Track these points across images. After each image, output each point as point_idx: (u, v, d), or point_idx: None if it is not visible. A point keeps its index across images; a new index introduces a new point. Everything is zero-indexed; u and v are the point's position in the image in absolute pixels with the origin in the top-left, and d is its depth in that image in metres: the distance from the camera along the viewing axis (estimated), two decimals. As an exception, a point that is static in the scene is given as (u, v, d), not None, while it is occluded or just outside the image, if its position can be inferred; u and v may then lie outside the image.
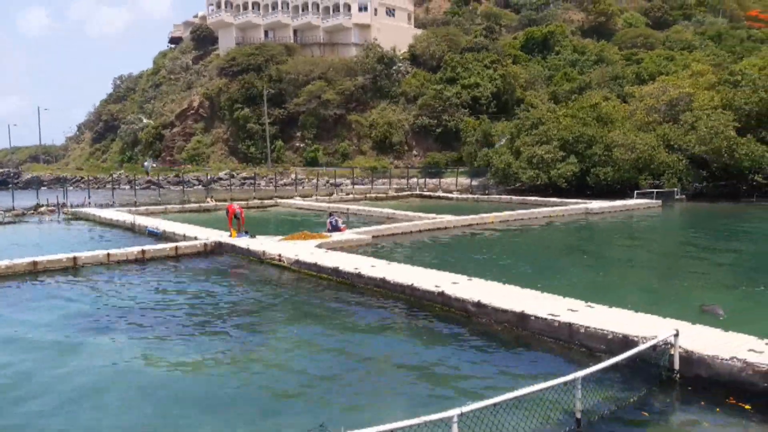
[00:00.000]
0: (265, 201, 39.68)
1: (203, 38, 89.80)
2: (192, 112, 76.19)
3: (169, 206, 35.31)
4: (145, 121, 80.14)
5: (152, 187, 58.49)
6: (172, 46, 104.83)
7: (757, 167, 37.32)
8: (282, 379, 8.78)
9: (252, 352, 9.91)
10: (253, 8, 79.48)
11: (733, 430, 6.96)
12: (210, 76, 79.46)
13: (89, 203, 37.60)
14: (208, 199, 37.90)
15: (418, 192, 47.62)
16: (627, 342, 8.65)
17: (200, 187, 58.80)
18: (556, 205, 33.10)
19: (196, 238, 20.65)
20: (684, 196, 37.93)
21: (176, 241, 20.78)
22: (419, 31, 77.97)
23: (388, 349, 10.07)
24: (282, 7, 79.11)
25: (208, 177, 60.20)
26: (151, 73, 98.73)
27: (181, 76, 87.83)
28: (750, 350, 8.03)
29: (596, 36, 76.26)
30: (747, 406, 7.34)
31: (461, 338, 10.47)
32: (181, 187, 54.11)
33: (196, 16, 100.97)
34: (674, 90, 42.94)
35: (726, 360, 7.83)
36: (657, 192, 37.00)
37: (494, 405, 6.05)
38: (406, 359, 9.50)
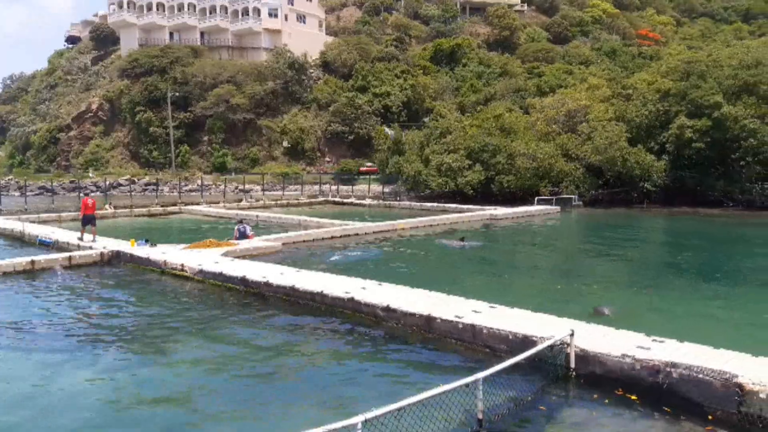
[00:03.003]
0: (169, 208, 38.15)
1: (103, 38, 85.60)
2: (90, 114, 72.34)
3: (63, 214, 33.14)
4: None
5: (45, 193, 54.91)
6: (70, 45, 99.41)
7: (647, 175, 40.09)
8: (185, 394, 8.40)
9: (147, 369, 9.42)
10: (157, 9, 76.58)
11: (620, 419, 7.36)
12: (110, 78, 75.86)
13: (-28, 211, 34.69)
14: (107, 206, 35.93)
15: (330, 198, 47.47)
16: (526, 342, 8.95)
17: (98, 193, 55.78)
18: (463, 212, 34.02)
19: (91, 248, 19.51)
20: (581, 203, 40.10)
21: (70, 250, 19.54)
22: (331, 39, 78.07)
23: (295, 357, 9.90)
24: (188, 9, 76.77)
25: (107, 183, 57.21)
26: (45, 74, 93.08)
27: (79, 77, 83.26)
28: (638, 347, 8.51)
29: (501, 49, 79.38)
30: (633, 397, 7.82)
31: (369, 343, 10.47)
32: (77, 193, 51.11)
33: (96, 15, 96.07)
34: (572, 102, 45.38)
35: (617, 357, 8.26)
36: (556, 199, 38.89)
37: (398, 410, 6.06)
38: (313, 367, 9.38)
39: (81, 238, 20.92)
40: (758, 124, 37.69)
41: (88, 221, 21.11)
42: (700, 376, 7.51)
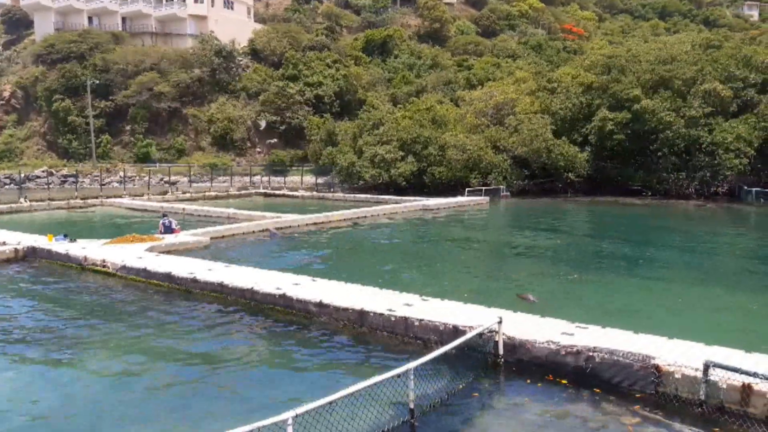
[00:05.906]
0: (89, 201, 36.43)
1: (16, 21, 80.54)
2: (2, 102, 68.06)
3: (-28, 208, 31.08)
4: None
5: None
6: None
7: (571, 166, 41.55)
8: (102, 402, 8.03)
9: (59, 376, 8.93)
10: (74, -9, 72.64)
11: (550, 403, 7.58)
12: (24, 64, 71.53)
13: None
14: (22, 200, 33.98)
15: (262, 190, 46.63)
16: (457, 332, 9.08)
17: (13, 186, 52.70)
18: (397, 203, 34.23)
19: (4, 243, 18.37)
20: (509, 193, 41.14)
21: (-20, 247, 18.32)
22: (260, 26, 76.40)
23: (223, 357, 9.64)
24: (109, -7, 73.21)
25: (22, 175, 54.04)
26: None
27: (-12, 62, 78.02)
28: (563, 333, 8.81)
29: (431, 41, 79.96)
30: (564, 381, 8.08)
31: (302, 340, 10.35)
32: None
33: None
34: (500, 95, 46.34)
35: (542, 343, 8.52)
36: (485, 189, 39.73)
37: (329, 403, 6.00)
38: (244, 365, 9.19)
39: None
40: (673, 117, 39.71)
41: None
42: (621, 359, 7.84)
